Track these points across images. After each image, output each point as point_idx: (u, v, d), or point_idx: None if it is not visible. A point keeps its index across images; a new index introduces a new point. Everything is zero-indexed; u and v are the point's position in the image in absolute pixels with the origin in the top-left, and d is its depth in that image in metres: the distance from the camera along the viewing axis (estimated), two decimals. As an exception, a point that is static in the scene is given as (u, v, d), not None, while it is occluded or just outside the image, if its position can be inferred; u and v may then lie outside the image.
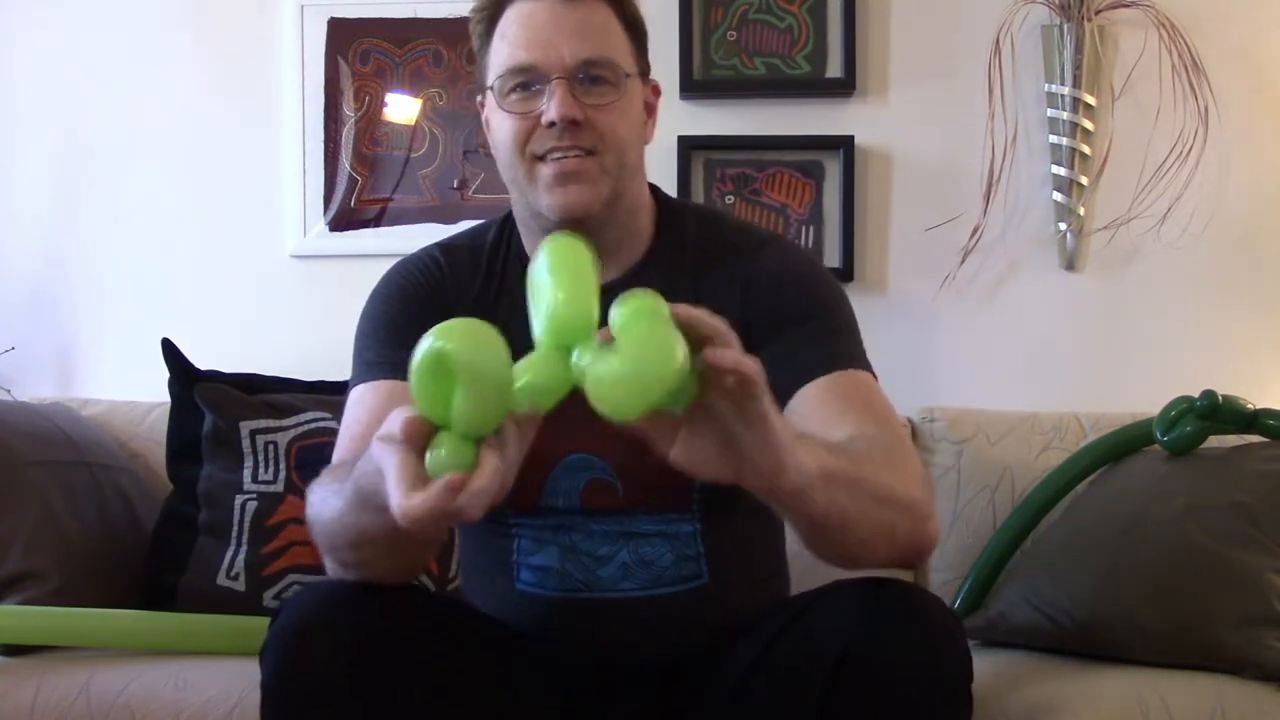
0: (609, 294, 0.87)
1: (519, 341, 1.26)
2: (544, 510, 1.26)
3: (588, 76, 1.22)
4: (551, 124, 1.20)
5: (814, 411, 1.18)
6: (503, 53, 1.24)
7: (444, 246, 1.36)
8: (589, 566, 1.25)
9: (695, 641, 1.23)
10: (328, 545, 1.08)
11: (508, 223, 1.35)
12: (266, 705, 1.07)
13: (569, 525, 1.26)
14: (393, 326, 1.28)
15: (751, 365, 0.85)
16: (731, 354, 0.84)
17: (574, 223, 1.20)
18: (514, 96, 1.23)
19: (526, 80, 1.22)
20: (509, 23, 1.24)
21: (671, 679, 1.23)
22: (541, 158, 1.22)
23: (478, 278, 1.32)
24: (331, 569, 1.11)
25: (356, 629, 1.05)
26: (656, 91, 1.35)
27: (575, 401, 1.17)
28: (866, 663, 1.00)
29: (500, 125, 1.25)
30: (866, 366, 1.25)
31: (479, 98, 1.31)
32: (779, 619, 1.10)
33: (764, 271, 1.28)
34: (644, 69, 1.30)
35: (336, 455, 1.22)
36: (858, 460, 1.02)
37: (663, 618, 1.25)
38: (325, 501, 1.05)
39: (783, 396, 1.18)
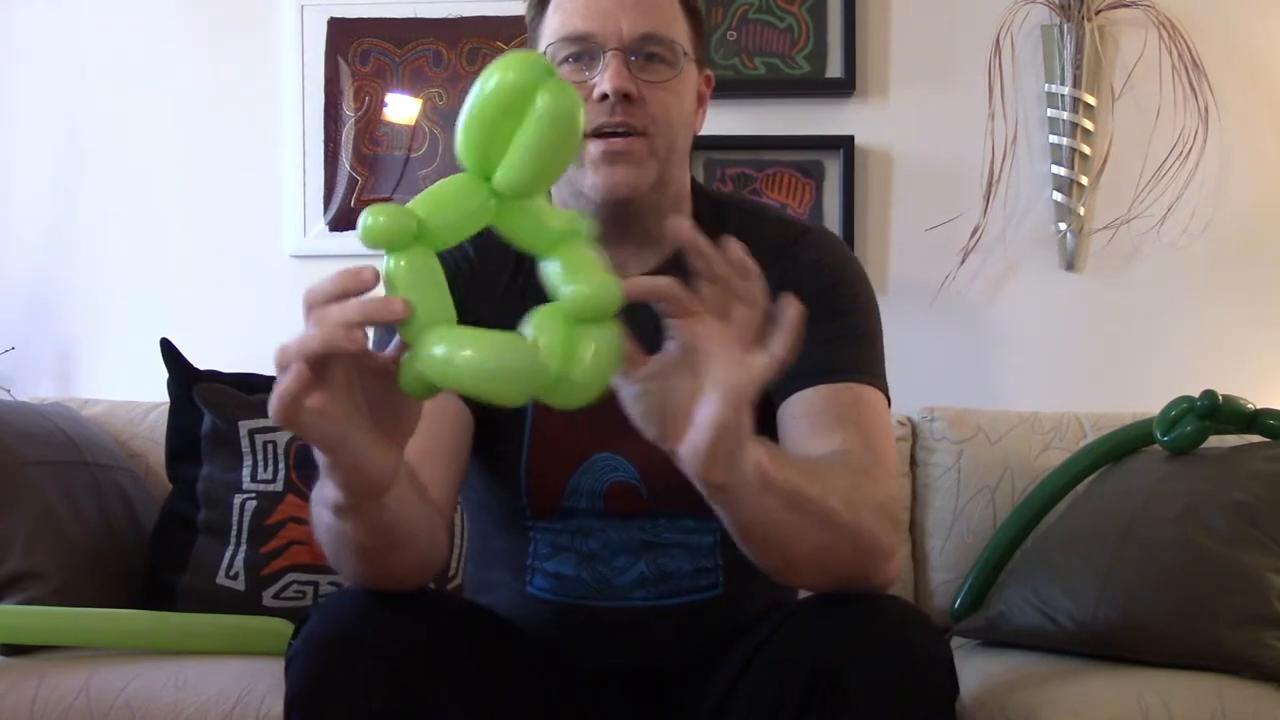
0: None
1: None
2: (563, 511, 1.24)
3: (644, 53, 1.18)
4: (604, 97, 1.15)
5: (806, 416, 1.15)
6: (557, 21, 1.19)
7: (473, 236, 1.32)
8: (605, 575, 1.24)
9: (704, 649, 1.20)
10: (330, 550, 1.04)
11: None
12: (293, 717, 1.03)
13: (587, 531, 1.24)
14: None
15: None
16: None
17: (618, 204, 1.17)
18: (566, 67, 1.18)
19: (580, 51, 1.18)
20: None
21: (676, 687, 1.22)
22: (590, 134, 1.17)
23: (506, 269, 1.26)
24: (338, 571, 1.07)
25: (391, 640, 1.02)
26: (710, 82, 1.30)
27: (605, 402, 1.16)
28: (838, 683, 0.97)
29: None
30: (878, 381, 1.21)
31: None
32: (758, 634, 1.07)
33: (797, 260, 1.25)
34: (700, 56, 1.26)
35: None
36: (814, 476, 0.97)
37: (673, 627, 1.24)
38: (318, 503, 1.02)
39: (786, 386, 1.16)
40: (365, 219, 0.82)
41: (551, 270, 0.87)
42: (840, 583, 1.03)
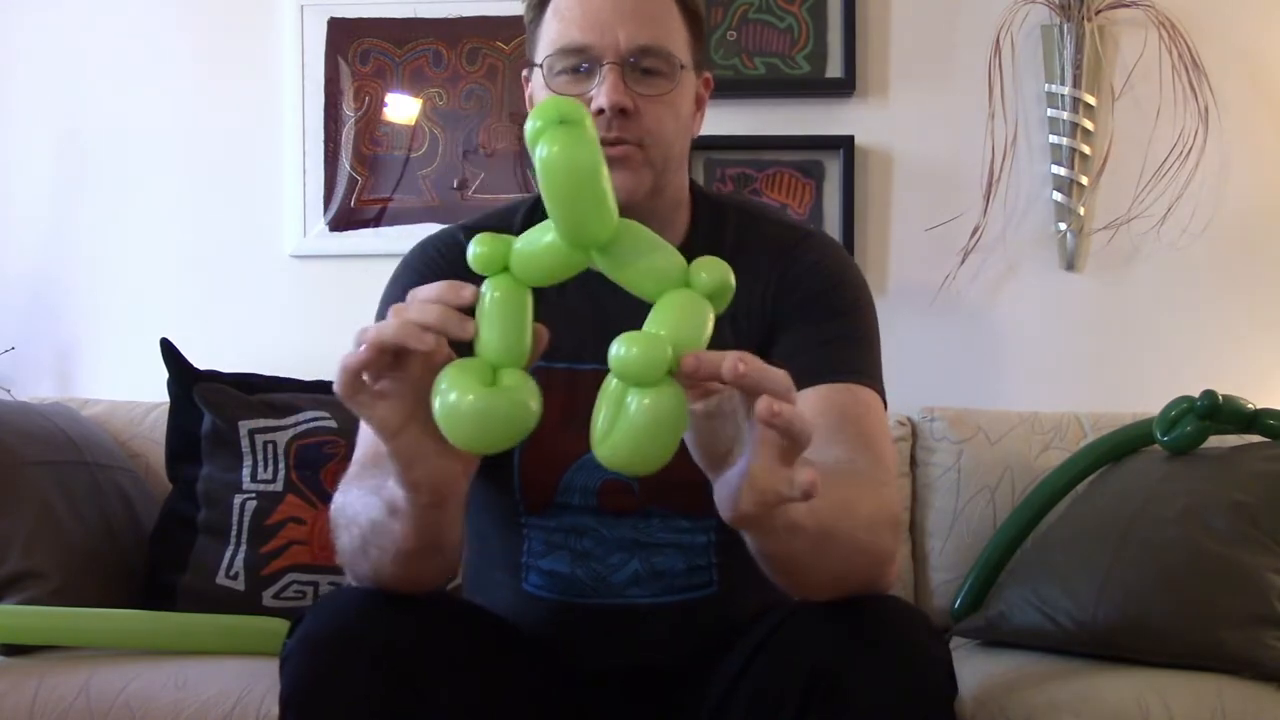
0: None
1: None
2: (556, 508, 1.24)
3: (640, 66, 1.18)
4: (600, 110, 1.16)
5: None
6: (555, 30, 1.20)
7: (468, 228, 1.31)
8: (600, 573, 1.24)
9: (700, 648, 1.20)
10: (359, 544, 1.04)
11: (537, 206, 1.29)
12: (288, 716, 1.03)
13: (581, 529, 1.24)
14: None
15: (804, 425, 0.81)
16: (787, 411, 0.79)
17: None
18: (563, 78, 1.19)
19: (577, 63, 1.19)
20: None
21: (674, 686, 1.22)
22: None
23: None
24: (355, 569, 1.07)
25: (387, 639, 1.02)
26: (709, 85, 1.31)
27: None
28: (838, 683, 0.97)
29: None
30: (876, 384, 1.21)
31: (524, 72, 1.27)
32: (758, 634, 1.07)
33: (798, 262, 1.25)
34: (699, 61, 1.26)
35: (359, 449, 1.18)
36: (843, 508, 0.95)
37: (669, 625, 1.24)
38: (362, 500, 1.03)
39: None
40: (471, 246, 0.86)
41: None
42: (849, 593, 1.03)
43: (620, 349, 0.80)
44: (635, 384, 0.81)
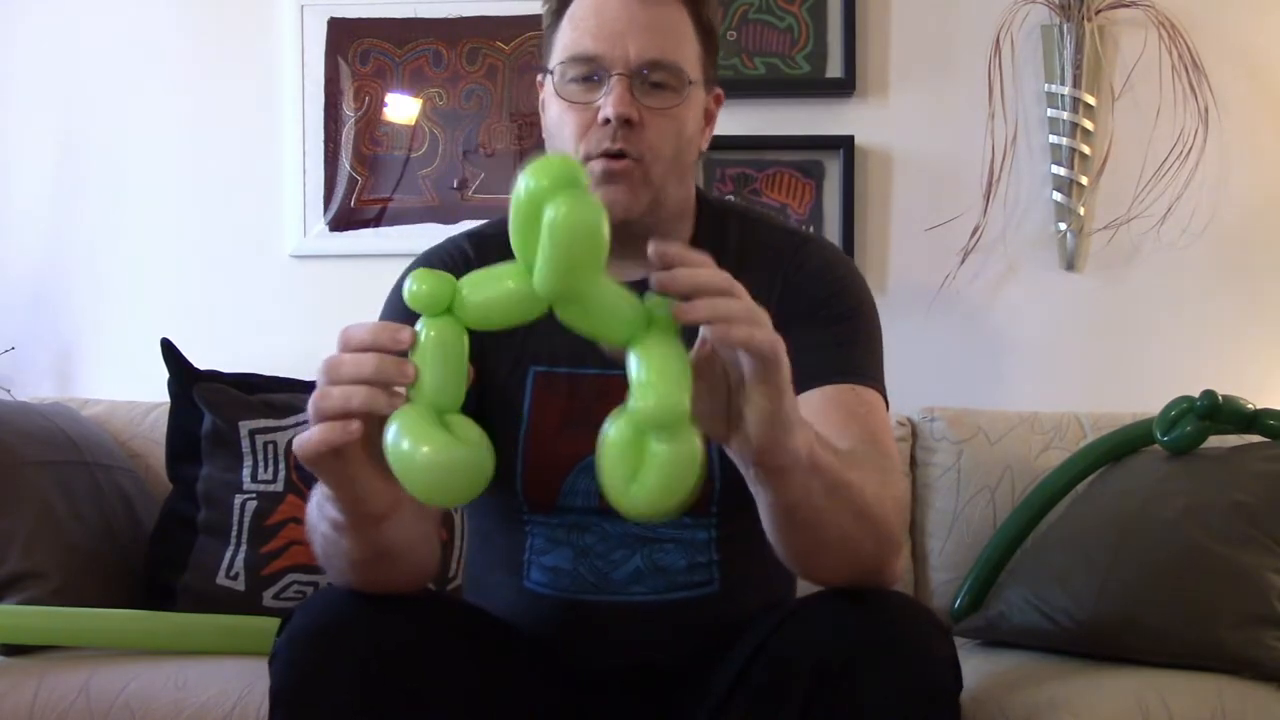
0: (644, 290, 0.88)
1: (545, 340, 1.26)
2: (559, 509, 1.24)
3: (649, 79, 1.19)
4: (606, 120, 1.18)
5: (812, 417, 1.17)
6: (569, 37, 1.21)
7: (473, 236, 1.32)
8: (602, 570, 1.24)
9: (700, 648, 1.21)
10: (321, 553, 1.07)
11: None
12: (277, 714, 1.05)
13: (584, 526, 1.24)
14: (409, 318, 1.25)
15: (770, 342, 0.87)
16: (747, 333, 0.86)
17: (613, 223, 1.19)
18: (573, 86, 1.20)
19: (588, 72, 1.20)
20: (581, 6, 1.21)
21: (673, 686, 1.22)
22: (593, 155, 1.19)
23: None
24: (329, 575, 1.10)
25: (373, 637, 1.04)
26: (719, 100, 1.32)
27: (599, 405, 1.14)
28: (841, 681, 0.98)
29: (556, 113, 1.22)
30: (878, 384, 1.23)
31: (539, 77, 1.28)
32: (759, 633, 1.08)
33: (801, 268, 1.27)
34: (709, 76, 1.27)
35: None
36: (850, 465, 1.00)
37: (669, 623, 1.24)
38: (315, 513, 1.04)
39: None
40: (409, 283, 0.84)
41: (629, 367, 0.85)
42: (857, 575, 1.04)
43: (641, 404, 0.82)
44: (661, 431, 0.82)
